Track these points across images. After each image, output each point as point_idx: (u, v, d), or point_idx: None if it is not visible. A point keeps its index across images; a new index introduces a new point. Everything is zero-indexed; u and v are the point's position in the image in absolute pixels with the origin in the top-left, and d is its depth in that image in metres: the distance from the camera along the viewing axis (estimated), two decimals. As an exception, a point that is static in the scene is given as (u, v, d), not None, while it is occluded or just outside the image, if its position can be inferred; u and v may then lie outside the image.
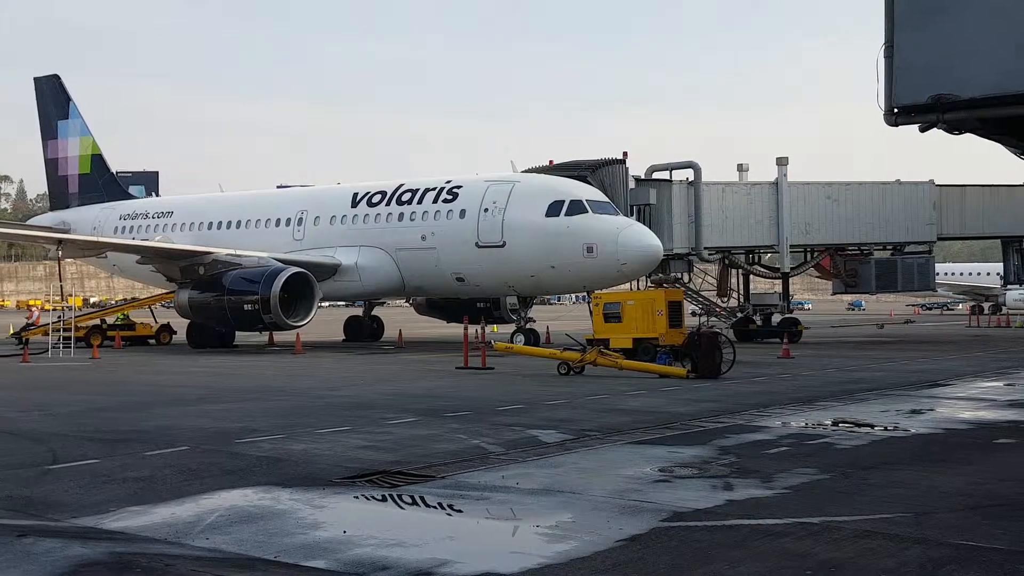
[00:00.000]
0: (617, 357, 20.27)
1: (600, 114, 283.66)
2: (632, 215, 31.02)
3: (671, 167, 34.19)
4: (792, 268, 36.34)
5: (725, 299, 36.86)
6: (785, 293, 36.33)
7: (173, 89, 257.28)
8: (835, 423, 12.87)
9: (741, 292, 37.47)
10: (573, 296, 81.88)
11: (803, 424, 12.84)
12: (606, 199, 29.59)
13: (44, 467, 9.71)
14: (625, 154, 32.65)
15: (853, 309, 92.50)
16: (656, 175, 34.19)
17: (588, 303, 26.63)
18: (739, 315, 36.05)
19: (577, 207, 28.38)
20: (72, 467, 9.68)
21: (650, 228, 29.58)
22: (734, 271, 37.14)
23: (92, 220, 40.09)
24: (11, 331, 37.00)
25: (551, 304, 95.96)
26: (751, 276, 38.06)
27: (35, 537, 6.65)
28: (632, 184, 32.55)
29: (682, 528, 7.04)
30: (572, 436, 11.73)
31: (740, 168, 36.46)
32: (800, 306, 72.64)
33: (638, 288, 31.77)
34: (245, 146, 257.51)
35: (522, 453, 10.47)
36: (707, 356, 19.61)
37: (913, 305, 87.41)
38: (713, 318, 35.05)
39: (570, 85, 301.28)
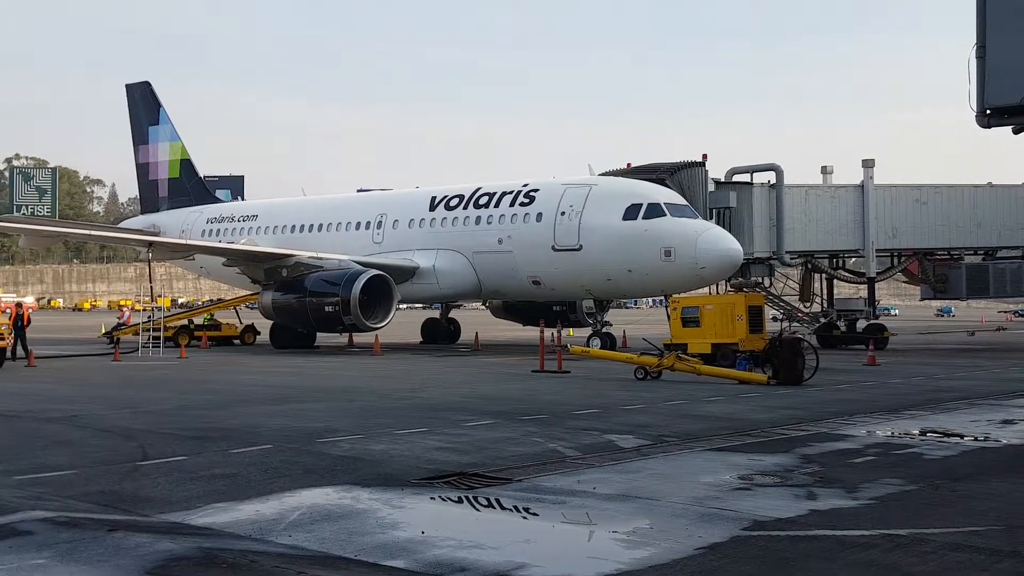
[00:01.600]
0: (695, 362, 20.04)
1: (679, 117, 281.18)
2: (711, 218, 30.65)
3: (752, 169, 33.70)
4: (878, 273, 35.49)
5: (808, 304, 36.13)
6: (871, 298, 35.47)
7: (258, 94, 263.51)
8: (923, 433, 12.51)
9: (824, 297, 36.70)
10: (650, 300, 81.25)
11: (889, 433, 12.51)
12: (685, 202, 29.30)
13: (135, 463, 10.01)
14: (705, 156, 32.30)
15: (942, 315, 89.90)
16: (736, 178, 33.73)
17: (666, 307, 26.38)
18: (822, 321, 35.31)
19: (655, 210, 28.16)
20: (161, 464, 9.97)
21: (730, 232, 29.20)
22: (817, 276, 36.40)
23: (181, 223, 41.25)
24: (103, 331, 38.35)
25: (628, 308, 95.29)
26: (835, 281, 37.27)
27: (125, 532, 6.86)
28: (712, 187, 32.17)
29: (763, 537, 6.92)
30: (649, 441, 11.64)
31: (824, 170, 35.76)
32: (886, 312, 70.90)
33: (717, 292, 31.38)
34: (327, 150, 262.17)
35: (599, 458, 10.42)
36: (789, 362, 19.25)
37: (1005, 311, 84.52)
38: (795, 323, 34.40)
39: (649, 87, 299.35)
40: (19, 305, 29.12)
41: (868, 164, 33.55)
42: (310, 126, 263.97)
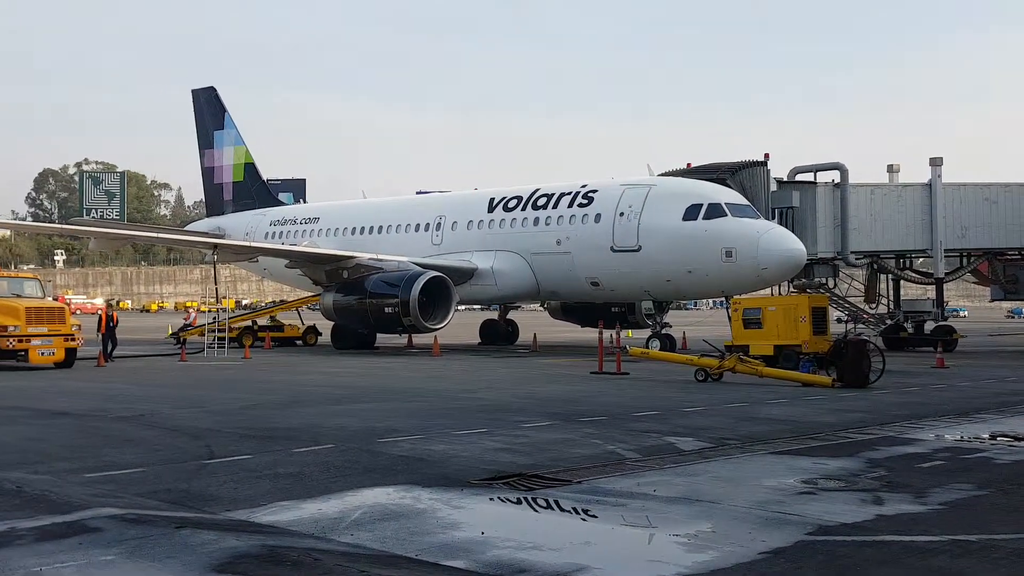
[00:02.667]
0: (757, 364, 19.80)
1: (740, 115, 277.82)
2: (773, 218, 30.24)
3: (815, 169, 33.16)
4: (946, 273, 34.64)
5: (873, 305, 35.43)
6: (939, 300, 34.62)
7: (320, 98, 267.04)
8: (993, 437, 12.20)
9: (891, 298, 35.97)
10: (710, 301, 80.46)
11: (958, 437, 12.21)
12: (746, 202, 28.94)
13: (201, 462, 10.21)
14: (767, 156, 31.87)
15: (1013, 317, 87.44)
16: (799, 177, 33.21)
17: (726, 308, 26.07)
18: (888, 322, 34.61)
19: (716, 210, 27.87)
20: (226, 462, 10.15)
21: (793, 232, 28.77)
22: (883, 276, 35.68)
23: (245, 226, 41.98)
24: (170, 331, 39.23)
25: (687, 309, 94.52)
26: (901, 282, 36.51)
27: (192, 529, 6.99)
28: (774, 186, 31.73)
29: (829, 543, 6.79)
30: (711, 444, 11.52)
31: (890, 169, 35.04)
32: (955, 313, 69.15)
33: (779, 294, 30.95)
34: (388, 152, 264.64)
35: (659, 460, 10.34)
36: (854, 365, 18.89)
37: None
38: (860, 325, 33.75)
39: (709, 86, 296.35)
40: (109, 306, 30.16)
41: (936, 163, 32.81)
42: (371, 129, 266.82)
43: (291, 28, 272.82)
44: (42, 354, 24.17)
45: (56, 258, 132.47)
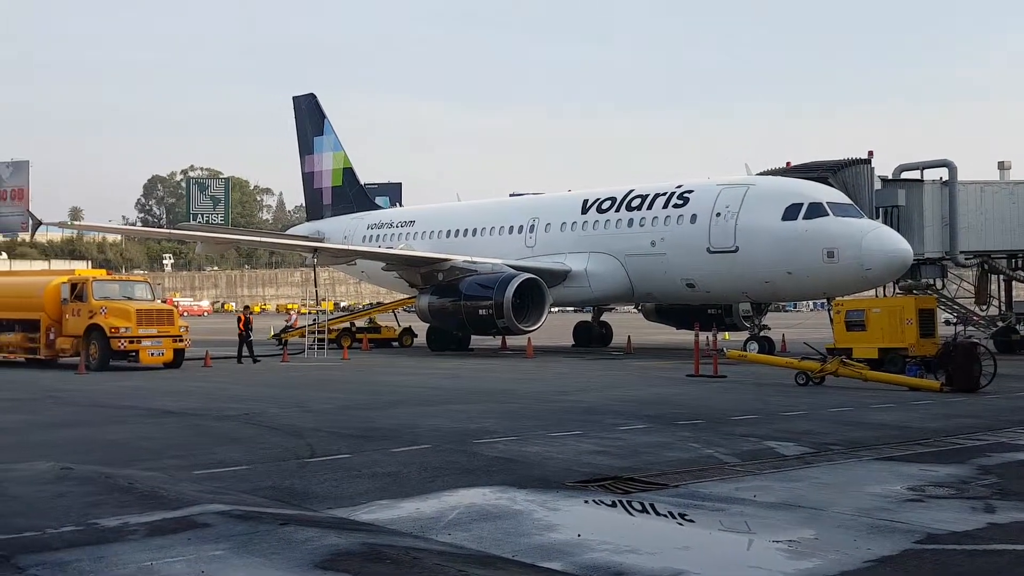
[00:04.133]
0: (861, 368, 19.24)
1: (841, 113, 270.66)
2: (878, 218, 29.35)
3: (922, 166, 32.02)
4: (1062, 274, 33.07)
5: (984, 307, 34.05)
6: (1055, 301, 33.07)
7: (417, 102, 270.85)
8: (1116, 445, 11.58)
9: (1002, 300, 34.52)
10: (811, 303, 78.51)
11: (1077, 445, 11.64)
12: (849, 201, 28.18)
13: (302, 460, 10.46)
14: (870, 153, 30.91)
15: None
16: (905, 175, 32.14)
17: (828, 310, 25.42)
18: (1000, 324, 33.21)
19: (817, 210, 27.22)
20: (327, 461, 10.37)
21: (898, 231, 27.89)
22: (994, 277, 34.26)
23: (343, 229, 42.85)
24: (272, 333, 40.33)
25: (787, 311, 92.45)
26: (1013, 282, 34.99)
27: (296, 526, 7.16)
28: (878, 185, 30.76)
29: (938, 551, 6.56)
30: (813, 449, 11.24)
31: (1001, 166, 33.59)
32: (1071, 315, 65.86)
33: (884, 295, 30.03)
34: (482, 155, 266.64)
35: (759, 465, 10.15)
36: (964, 368, 18.19)
37: None
38: (970, 327, 32.48)
39: (808, 83, 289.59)
40: (246, 309, 31.28)
41: (1051, 157, 31.37)
42: (465, 132, 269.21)
43: (389, 33, 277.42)
44: (152, 355, 25.13)
45: (164, 262, 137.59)
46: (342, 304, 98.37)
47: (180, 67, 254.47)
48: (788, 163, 32.58)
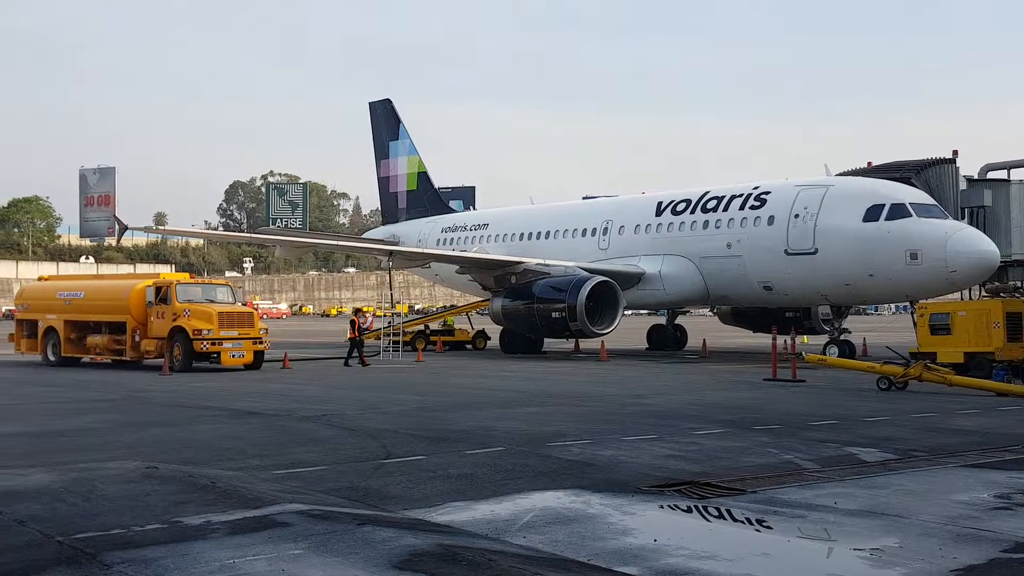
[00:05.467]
0: (946, 372, 18.69)
1: (923, 112, 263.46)
2: (963, 219, 28.49)
3: (1010, 165, 30.98)
4: None
5: (1075, 310, 32.76)
6: None
7: (489, 106, 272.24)
8: None
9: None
10: (892, 306, 76.67)
11: None
12: (933, 201, 27.42)
13: (379, 461, 10.58)
14: (955, 153, 30.04)
15: None
16: (992, 175, 31.14)
17: (911, 314, 24.78)
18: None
19: (899, 211, 26.56)
20: (402, 462, 10.48)
21: (984, 232, 27.04)
22: (1085, 279, 32.94)
23: (417, 233, 43.27)
24: (348, 335, 40.85)
25: (867, 314, 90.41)
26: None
27: (372, 526, 7.24)
28: (963, 185, 29.86)
29: (1029, 563, 6.34)
30: (895, 456, 10.96)
31: (1093, 164, 32.31)
32: None
33: (970, 298, 29.13)
34: (555, 158, 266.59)
35: (839, 471, 9.93)
36: (1054, 373, 17.55)
37: None
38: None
39: (888, 83, 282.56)
40: (358, 312, 31.85)
41: None
42: (538, 135, 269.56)
43: (461, 37, 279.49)
44: (233, 356, 25.71)
45: (245, 265, 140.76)
46: (416, 307, 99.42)
47: (260, 75, 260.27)
48: (869, 163, 31.86)
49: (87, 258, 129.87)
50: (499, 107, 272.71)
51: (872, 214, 26.80)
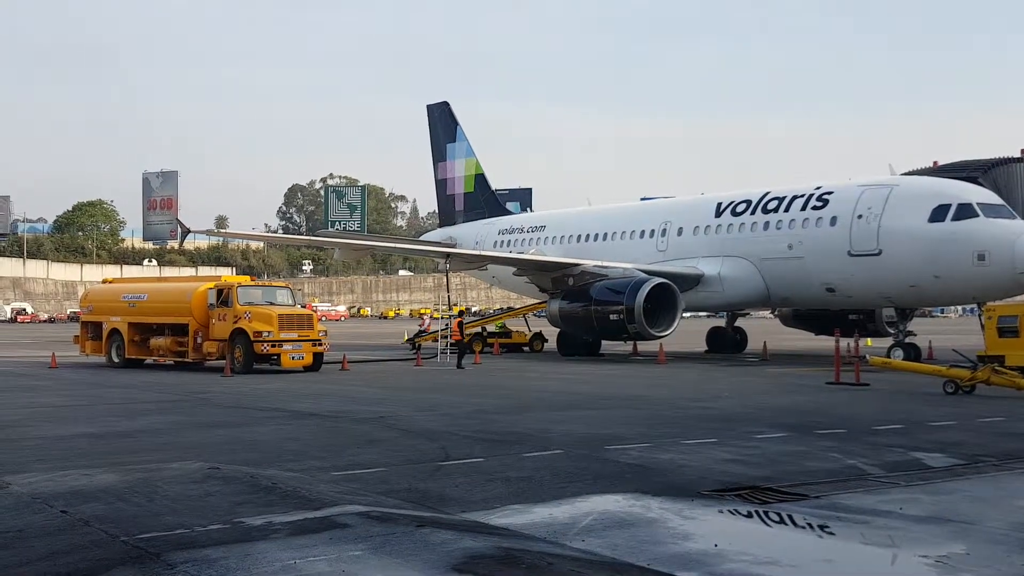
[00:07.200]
0: (1015, 376, 18.18)
1: (992, 111, 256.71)
2: (1032, 218, 27.75)
3: (1080, 163, 30.12)
4: None
5: None
6: None
7: (547, 108, 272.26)
8: None
9: None
10: (959, 308, 74.90)
11: None
12: (1001, 202, 26.74)
13: (437, 463, 10.62)
14: None
15: None
16: (1062, 173, 30.27)
17: (979, 316, 24.16)
18: None
19: (966, 211, 25.94)
20: (460, 464, 10.51)
21: (1054, 232, 26.26)
22: None
23: (475, 235, 43.42)
24: (406, 337, 41.19)
25: (933, 316, 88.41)
26: None
27: (431, 528, 7.26)
28: (1032, 184, 29.11)
29: (1106, 575, 6.13)
30: (963, 461, 10.69)
31: None
32: None
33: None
34: (612, 160, 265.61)
35: (904, 476, 9.72)
36: None
37: None
38: None
39: (957, 82, 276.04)
40: (462, 314, 32.08)
41: None
42: (595, 137, 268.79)
43: (520, 41, 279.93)
44: (293, 358, 26.03)
45: (304, 267, 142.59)
46: (473, 309, 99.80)
47: (319, 80, 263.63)
48: (935, 162, 31.26)
49: (150, 261, 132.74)
50: (556, 108, 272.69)
51: (938, 214, 26.22)
